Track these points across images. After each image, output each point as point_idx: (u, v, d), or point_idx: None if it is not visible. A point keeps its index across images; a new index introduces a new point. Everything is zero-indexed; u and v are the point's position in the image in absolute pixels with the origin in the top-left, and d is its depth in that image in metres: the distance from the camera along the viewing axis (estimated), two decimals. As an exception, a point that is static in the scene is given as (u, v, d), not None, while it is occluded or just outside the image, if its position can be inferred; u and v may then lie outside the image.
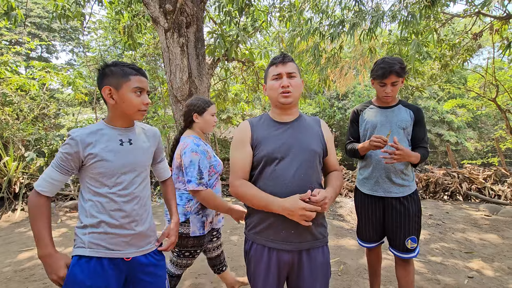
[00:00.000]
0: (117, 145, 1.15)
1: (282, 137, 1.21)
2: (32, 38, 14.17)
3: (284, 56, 1.24)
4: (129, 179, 1.16)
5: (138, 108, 1.15)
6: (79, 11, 6.00)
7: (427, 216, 4.54)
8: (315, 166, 1.21)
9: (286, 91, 1.20)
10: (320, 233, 1.21)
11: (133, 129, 1.23)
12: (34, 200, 1.09)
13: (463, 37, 6.31)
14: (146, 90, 1.18)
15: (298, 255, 1.17)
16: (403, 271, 1.81)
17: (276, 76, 1.23)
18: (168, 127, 8.24)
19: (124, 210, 1.14)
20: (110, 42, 11.55)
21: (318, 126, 1.30)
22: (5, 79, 6.37)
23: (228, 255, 2.96)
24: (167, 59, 5.41)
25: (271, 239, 1.17)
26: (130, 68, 1.15)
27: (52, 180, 1.10)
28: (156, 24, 5.29)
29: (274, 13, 7.00)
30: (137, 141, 1.22)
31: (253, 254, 1.21)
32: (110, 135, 1.15)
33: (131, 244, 1.16)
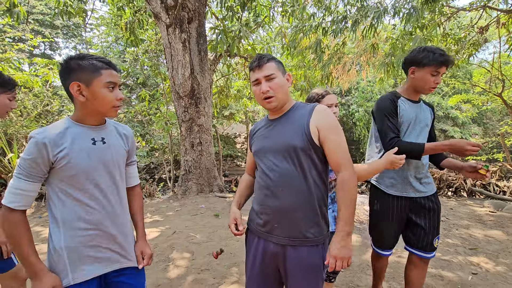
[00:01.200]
0: (90, 144, 1.06)
1: (267, 134, 1.24)
2: (35, 35, 14.21)
3: (259, 59, 1.18)
4: (104, 180, 1.09)
5: (112, 104, 1.07)
6: (81, 8, 5.99)
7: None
8: (298, 162, 1.12)
9: (266, 97, 1.17)
10: (309, 231, 1.13)
11: (105, 126, 1.14)
12: (9, 219, 0.97)
13: (469, 31, 6.20)
14: (118, 84, 1.09)
15: (283, 249, 1.15)
16: (421, 272, 1.76)
17: (255, 82, 1.19)
18: (171, 123, 8.24)
19: (98, 213, 1.07)
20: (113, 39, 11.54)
21: (307, 116, 1.15)
22: (8, 76, 6.39)
23: (231, 251, 2.96)
24: (169, 55, 5.40)
25: (260, 230, 1.22)
26: (101, 62, 1.05)
27: (23, 191, 0.98)
28: (157, 20, 5.26)
29: (277, 8, 6.94)
30: (111, 139, 1.14)
31: (248, 241, 1.32)
32: (80, 134, 1.06)
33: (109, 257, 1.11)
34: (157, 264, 2.70)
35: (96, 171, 1.07)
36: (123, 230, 1.16)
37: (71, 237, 1.03)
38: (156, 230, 3.60)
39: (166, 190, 8.62)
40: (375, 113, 1.73)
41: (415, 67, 1.61)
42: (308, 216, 1.14)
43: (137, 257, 1.22)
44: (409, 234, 1.76)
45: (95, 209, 1.07)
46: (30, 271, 0.98)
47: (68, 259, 1.03)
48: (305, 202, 1.13)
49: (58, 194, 1.04)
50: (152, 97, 9.49)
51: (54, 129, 1.03)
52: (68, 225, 1.03)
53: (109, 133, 1.15)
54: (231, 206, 1.38)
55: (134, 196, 1.31)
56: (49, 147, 0.98)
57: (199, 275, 2.51)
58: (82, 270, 1.05)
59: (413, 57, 1.61)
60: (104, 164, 1.09)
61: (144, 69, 10.47)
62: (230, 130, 15.12)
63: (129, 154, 1.26)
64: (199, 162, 5.76)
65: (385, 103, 1.66)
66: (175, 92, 5.59)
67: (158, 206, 4.90)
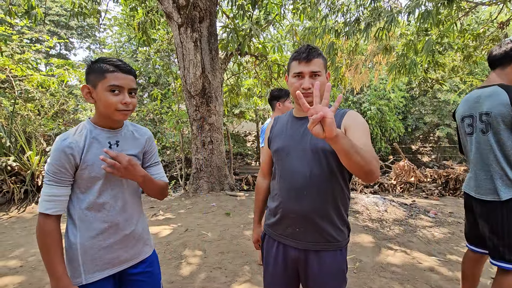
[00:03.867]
0: (107, 148, 1.09)
1: (293, 133, 1.17)
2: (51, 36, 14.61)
3: (309, 52, 1.10)
4: (118, 183, 1.10)
5: (114, 107, 1.04)
6: (95, 9, 6.11)
7: (447, 214, 4.39)
8: (325, 164, 1.09)
9: (306, 93, 1.10)
10: (332, 236, 1.11)
11: (121, 130, 1.16)
12: (43, 226, 0.99)
13: (488, 26, 5.98)
14: (126, 88, 1.05)
15: (305, 254, 1.13)
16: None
17: (298, 74, 1.12)
18: (182, 122, 8.32)
19: (112, 214, 1.09)
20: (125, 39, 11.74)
21: (340, 119, 1.12)
22: (27, 77, 6.62)
23: (242, 250, 2.97)
24: (181, 55, 5.44)
25: (279, 234, 1.19)
26: (108, 65, 1.04)
27: (56, 197, 1.01)
28: (169, 20, 5.31)
29: (288, 6, 6.88)
30: (124, 143, 1.15)
31: (265, 244, 1.28)
32: (100, 137, 1.09)
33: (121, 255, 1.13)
34: (170, 262, 2.74)
35: (109, 173, 1.07)
36: (136, 230, 1.17)
37: (86, 237, 1.06)
38: (168, 228, 3.65)
39: (178, 188, 8.74)
40: None
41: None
42: (332, 221, 1.11)
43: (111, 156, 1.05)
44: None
45: (109, 210, 1.09)
46: (54, 280, 0.99)
47: (81, 259, 1.06)
48: (331, 206, 1.11)
49: (76, 195, 1.06)
50: (163, 96, 9.61)
51: (77, 133, 1.06)
52: (84, 225, 1.06)
53: (124, 137, 1.16)
54: (254, 223, 1.40)
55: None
56: (74, 151, 1.02)
57: (211, 273, 2.53)
58: (94, 272, 1.07)
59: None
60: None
61: (156, 68, 10.61)
62: (240, 128, 15.15)
63: (147, 156, 1.25)
64: (210, 161, 5.80)
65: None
66: (187, 91, 5.64)
67: (170, 204, 4.97)
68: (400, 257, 2.83)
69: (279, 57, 7.76)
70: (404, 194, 6.05)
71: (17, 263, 2.75)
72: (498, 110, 1.49)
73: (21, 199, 4.73)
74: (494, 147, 1.54)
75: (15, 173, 4.83)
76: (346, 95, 13.80)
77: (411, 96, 13.44)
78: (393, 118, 12.67)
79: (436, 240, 3.30)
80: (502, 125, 1.49)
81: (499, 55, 1.58)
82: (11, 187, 4.63)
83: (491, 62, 1.63)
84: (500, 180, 1.51)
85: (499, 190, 1.50)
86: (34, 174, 4.92)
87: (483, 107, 1.56)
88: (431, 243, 3.22)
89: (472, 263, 1.78)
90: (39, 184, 4.90)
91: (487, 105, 1.54)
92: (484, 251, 1.70)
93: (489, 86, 1.58)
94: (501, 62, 1.58)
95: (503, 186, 1.50)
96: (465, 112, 1.70)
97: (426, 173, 6.47)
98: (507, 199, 1.48)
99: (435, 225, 3.80)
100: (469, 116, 1.67)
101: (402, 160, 6.97)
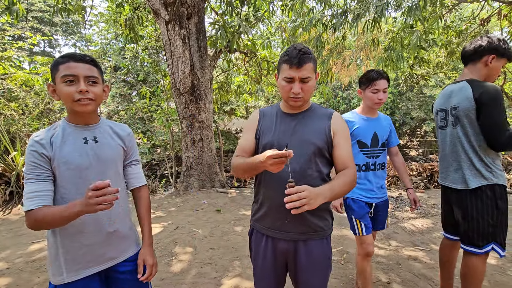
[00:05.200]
0: (81, 143, 1.07)
1: (284, 128, 1.21)
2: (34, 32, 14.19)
3: (301, 58, 1.11)
4: (96, 179, 1.04)
5: (71, 98, 1.01)
6: (79, 4, 5.97)
7: (431, 205, 4.54)
8: (313, 159, 1.16)
9: (295, 98, 1.15)
10: (319, 226, 1.19)
11: (98, 125, 1.14)
12: (35, 219, 0.96)
13: (471, 23, 6.14)
14: (81, 76, 1.01)
15: (294, 245, 1.19)
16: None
17: (288, 79, 1.14)
18: (171, 120, 8.26)
19: (92, 214, 1.01)
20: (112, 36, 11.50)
21: (327, 119, 1.22)
22: (9, 75, 6.43)
23: (233, 246, 3.01)
24: (169, 52, 5.40)
25: (267, 227, 1.22)
26: (61, 57, 1.01)
27: (36, 192, 0.98)
28: (157, 16, 5.25)
29: (276, 2, 6.89)
30: (104, 138, 1.13)
31: (254, 239, 1.30)
32: (72, 133, 1.07)
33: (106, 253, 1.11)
34: (161, 259, 2.75)
35: (88, 169, 1.06)
36: (121, 228, 1.15)
37: (66, 236, 1.05)
38: (159, 226, 3.66)
39: (168, 186, 8.69)
40: (489, 104, 1.50)
41: (503, 57, 1.61)
42: (318, 212, 1.18)
43: (139, 265, 1.19)
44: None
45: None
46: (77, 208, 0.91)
47: (63, 258, 1.05)
48: None
49: (56, 193, 1.05)
50: (152, 94, 9.50)
51: (49, 130, 1.06)
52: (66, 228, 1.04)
53: (103, 132, 1.14)
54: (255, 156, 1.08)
55: (140, 200, 1.27)
56: (45, 148, 1.01)
57: (202, 269, 2.56)
58: (78, 269, 1.06)
59: (502, 47, 1.59)
60: (97, 163, 1.09)
61: (144, 65, 10.45)
62: (231, 125, 15.13)
63: (127, 153, 1.23)
64: (201, 158, 5.80)
65: (500, 93, 1.52)
66: (176, 88, 5.60)
67: (161, 202, 4.96)
68: (386, 248, 2.93)
69: (269, 54, 7.78)
70: (391, 187, 6.20)
71: (3, 265, 2.71)
72: (464, 105, 1.58)
73: (6, 200, 4.63)
74: (462, 139, 1.63)
75: (0, 175, 4.72)
76: (336, 91, 13.94)
77: (399, 92, 13.69)
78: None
79: (419, 231, 3.42)
80: (467, 118, 1.58)
81: (470, 52, 1.66)
82: (-5, 188, 4.53)
83: (463, 58, 1.72)
84: (468, 170, 1.61)
85: (468, 180, 1.60)
86: (20, 175, 4.81)
87: (453, 101, 1.65)
88: (415, 233, 3.34)
89: (448, 249, 1.88)
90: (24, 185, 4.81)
91: (456, 99, 1.63)
92: (458, 238, 1.80)
93: (460, 82, 1.66)
94: (471, 59, 1.66)
95: (471, 176, 1.60)
96: (440, 105, 1.79)
97: (412, 166, 6.64)
98: (474, 188, 1.59)
99: (419, 217, 3.93)
100: (442, 110, 1.76)
101: (389, 155, 7.12)
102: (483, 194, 1.57)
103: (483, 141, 1.57)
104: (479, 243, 1.58)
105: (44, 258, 2.84)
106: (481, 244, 1.57)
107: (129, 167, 1.24)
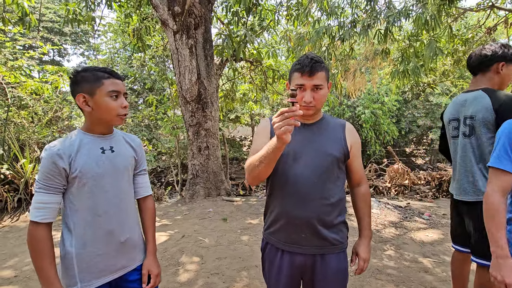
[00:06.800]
0: (99, 153, 1.10)
1: (299, 138, 1.17)
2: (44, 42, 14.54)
3: (313, 66, 1.09)
4: (112, 188, 1.11)
5: (116, 112, 1.09)
6: (89, 15, 6.12)
7: (440, 215, 4.45)
8: (331, 171, 1.15)
9: (307, 106, 1.13)
10: (336, 239, 1.16)
11: (114, 135, 1.18)
12: (33, 234, 1.00)
13: (477, 31, 6.15)
14: (122, 92, 1.11)
15: (311, 259, 1.16)
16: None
17: (300, 86, 1.13)
18: (178, 127, 8.32)
19: (107, 220, 1.10)
20: (120, 45, 11.73)
21: (341, 130, 1.22)
22: (20, 84, 6.57)
23: (239, 255, 2.98)
24: (176, 61, 5.47)
25: (283, 242, 1.17)
26: (102, 72, 1.09)
27: (45, 204, 1.01)
28: (165, 27, 5.35)
29: (282, 12, 6.98)
30: (119, 147, 1.17)
31: (267, 253, 1.25)
32: (90, 143, 1.10)
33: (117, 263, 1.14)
34: (167, 268, 2.73)
35: (105, 178, 1.09)
36: (132, 237, 1.18)
37: (81, 245, 1.07)
38: (165, 234, 3.64)
39: (174, 193, 8.69)
40: (510, 115, 1.38)
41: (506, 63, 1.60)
42: (335, 224, 1.16)
43: (143, 275, 1.21)
44: None
45: (103, 218, 1.09)
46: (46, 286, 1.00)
47: (77, 268, 1.06)
48: (335, 211, 1.16)
49: (71, 202, 1.07)
50: (159, 102, 9.61)
51: (66, 140, 1.08)
52: (79, 233, 1.07)
53: (118, 142, 1.19)
54: (271, 144, 0.99)
55: (145, 210, 1.29)
56: (62, 158, 1.03)
57: (209, 279, 2.53)
58: (91, 279, 1.08)
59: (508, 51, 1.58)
60: (113, 172, 1.12)
61: (151, 74, 10.61)
62: (236, 133, 15.18)
63: (137, 163, 1.27)
64: (206, 166, 5.80)
65: None
66: (182, 97, 5.66)
67: (166, 210, 4.95)
68: (396, 259, 2.87)
69: (274, 62, 7.84)
70: (398, 196, 6.11)
71: (11, 273, 2.72)
72: (481, 114, 1.55)
73: (15, 207, 4.67)
74: (475, 150, 1.60)
75: (9, 182, 4.78)
76: (341, 99, 13.94)
77: (404, 100, 13.63)
78: (387, 121, 12.82)
79: (430, 242, 3.35)
80: (485, 128, 1.55)
81: (477, 62, 1.65)
82: (4, 195, 4.57)
83: (471, 69, 1.71)
84: (480, 181, 1.58)
85: (480, 191, 1.57)
86: (28, 182, 4.86)
87: (468, 111, 1.62)
88: (426, 244, 3.27)
89: (459, 263, 1.83)
90: (33, 193, 4.85)
91: (472, 109, 1.60)
92: (468, 250, 1.75)
93: (474, 90, 1.64)
94: (480, 68, 1.65)
95: (484, 187, 1.56)
96: (452, 115, 1.76)
97: (420, 175, 6.56)
98: None
99: (429, 227, 3.85)
100: (455, 119, 1.73)
101: (396, 163, 7.06)
102: None
103: None
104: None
105: (51, 267, 2.84)
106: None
107: (138, 177, 1.28)
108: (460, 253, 1.81)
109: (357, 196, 1.28)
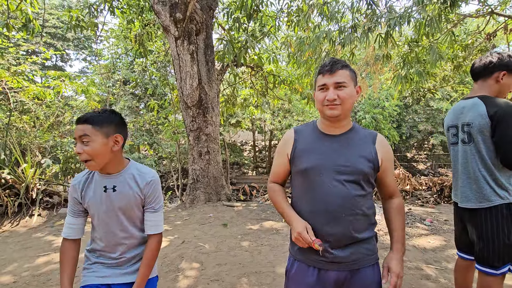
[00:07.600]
0: (102, 191, 1.22)
1: (326, 152, 1.12)
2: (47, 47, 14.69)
3: (332, 65, 1.08)
4: (112, 221, 1.23)
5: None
6: (92, 21, 6.19)
7: (442, 221, 4.42)
8: (359, 186, 1.09)
9: (331, 105, 1.08)
10: (369, 249, 1.12)
11: (121, 174, 1.24)
12: (61, 247, 1.24)
13: (476, 37, 6.18)
14: (77, 137, 1.15)
15: (347, 275, 1.10)
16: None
17: (322, 86, 1.10)
18: (179, 132, 8.34)
19: (105, 244, 1.26)
20: (122, 50, 11.83)
21: (371, 142, 1.15)
22: (22, 88, 6.62)
23: (240, 262, 2.95)
24: (178, 66, 5.51)
25: (315, 259, 1.11)
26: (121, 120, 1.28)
27: (69, 224, 1.24)
28: (166, 32, 5.40)
29: (282, 18, 7.04)
30: (122, 187, 1.22)
31: (296, 272, 1.17)
32: (98, 181, 1.23)
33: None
34: (167, 275, 2.71)
35: (106, 213, 1.22)
36: (132, 267, 1.30)
37: (90, 252, 1.30)
38: (165, 240, 3.62)
39: (174, 198, 8.67)
40: (505, 121, 1.47)
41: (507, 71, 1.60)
42: (368, 237, 1.13)
43: None
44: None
45: (102, 243, 1.25)
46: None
47: (85, 264, 1.30)
48: (366, 225, 1.12)
49: (92, 220, 1.28)
50: (160, 107, 9.65)
51: (85, 175, 1.26)
52: (92, 243, 1.30)
53: (123, 181, 1.23)
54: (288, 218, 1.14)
55: (146, 248, 1.28)
56: (77, 190, 1.23)
57: (209, 285, 2.51)
58: (89, 276, 1.26)
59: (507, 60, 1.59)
60: (114, 209, 1.23)
61: (152, 79, 10.68)
62: (236, 137, 15.20)
63: (145, 200, 1.27)
64: (207, 171, 5.80)
65: None
66: (183, 102, 5.68)
67: (167, 215, 4.93)
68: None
69: (275, 68, 7.89)
70: (400, 202, 6.09)
71: (10, 278, 2.70)
72: (478, 122, 1.55)
73: (15, 212, 4.66)
74: (475, 156, 1.60)
75: (9, 186, 4.78)
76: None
77: (405, 105, 13.66)
78: (388, 126, 12.83)
79: (432, 248, 3.32)
80: (481, 135, 1.56)
81: (480, 68, 1.66)
82: (5, 200, 4.56)
83: (473, 74, 1.71)
84: (482, 189, 1.57)
85: (482, 198, 1.56)
86: (29, 187, 4.86)
87: (466, 118, 1.63)
88: (427, 251, 3.24)
89: (463, 270, 1.81)
90: (33, 197, 4.85)
91: (469, 116, 1.61)
92: (473, 258, 1.73)
93: (472, 98, 1.65)
94: (482, 75, 1.66)
95: (485, 194, 1.56)
96: (451, 122, 1.76)
97: (421, 181, 6.54)
98: (490, 207, 1.54)
99: (431, 233, 3.83)
100: (453, 126, 1.74)
101: (397, 168, 7.04)
102: (498, 213, 1.53)
103: (497, 159, 1.54)
104: (495, 263, 1.52)
105: (51, 272, 2.82)
106: (497, 265, 1.52)
107: (146, 213, 1.30)
108: (464, 260, 1.79)
109: (390, 208, 1.21)
